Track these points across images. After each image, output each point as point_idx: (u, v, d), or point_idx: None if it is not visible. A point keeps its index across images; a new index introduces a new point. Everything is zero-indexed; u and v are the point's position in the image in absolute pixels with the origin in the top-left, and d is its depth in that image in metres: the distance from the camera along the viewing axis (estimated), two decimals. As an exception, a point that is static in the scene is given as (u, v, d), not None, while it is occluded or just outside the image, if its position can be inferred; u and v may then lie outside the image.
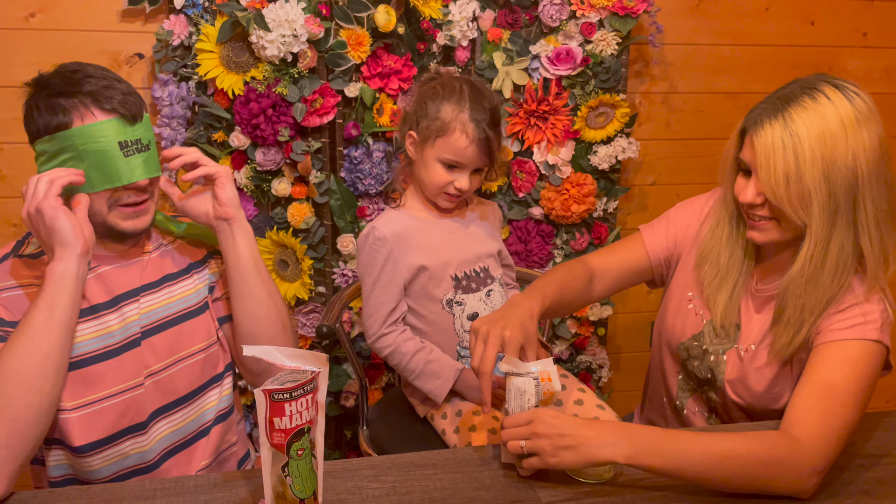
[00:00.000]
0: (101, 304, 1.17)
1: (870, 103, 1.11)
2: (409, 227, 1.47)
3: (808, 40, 2.16)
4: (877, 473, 1.10)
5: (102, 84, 1.11)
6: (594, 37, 1.91)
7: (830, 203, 1.10)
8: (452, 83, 1.43)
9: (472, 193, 1.52)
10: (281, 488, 0.94)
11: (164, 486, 1.05)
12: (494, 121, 1.42)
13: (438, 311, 1.46)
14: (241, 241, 1.24)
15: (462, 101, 1.40)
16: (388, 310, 1.45)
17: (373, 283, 1.45)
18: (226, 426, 1.30)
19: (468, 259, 1.49)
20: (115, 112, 1.11)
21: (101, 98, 1.10)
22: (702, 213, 1.35)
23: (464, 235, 1.51)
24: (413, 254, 1.44)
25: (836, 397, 1.06)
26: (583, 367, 2.18)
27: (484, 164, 1.45)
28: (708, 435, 1.05)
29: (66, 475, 1.19)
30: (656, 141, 2.16)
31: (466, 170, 1.43)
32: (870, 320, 1.11)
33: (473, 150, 1.40)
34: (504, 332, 1.12)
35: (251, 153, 1.83)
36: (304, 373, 0.93)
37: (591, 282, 1.37)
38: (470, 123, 1.39)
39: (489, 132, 1.40)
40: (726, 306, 1.25)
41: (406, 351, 1.44)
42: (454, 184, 1.43)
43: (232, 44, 1.77)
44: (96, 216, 1.15)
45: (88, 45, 1.82)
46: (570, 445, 1.01)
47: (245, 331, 1.26)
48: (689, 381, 1.35)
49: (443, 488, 1.06)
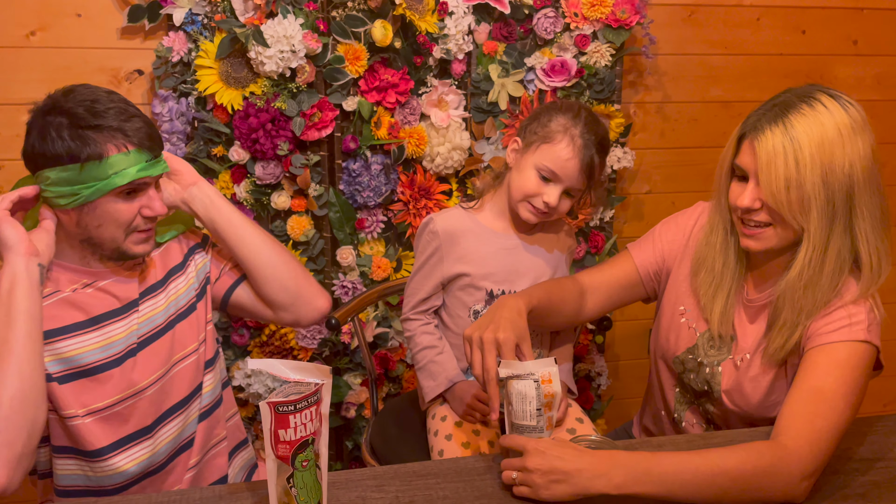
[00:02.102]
0: (102, 315, 1.21)
1: (862, 113, 1.14)
2: (466, 230, 1.46)
3: (799, 49, 2.19)
4: (872, 477, 1.12)
5: (124, 116, 1.14)
6: (588, 48, 1.94)
7: (828, 209, 1.12)
8: (573, 104, 1.43)
9: (558, 216, 1.47)
10: (286, 499, 0.95)
11: (170, 499, 1.07)
12: (603, 148, 1.39)
13: (465, 318, 1.46)
14: (216, 199, 1.32)
15: (577, 118, 1.38)
16: (421, 298, 1.48)
17: (416, 269, 1.49)
18: (212, 422, 1.33)
19: (511, 279, 1.46)
20: (143, 144, 1.15)
21: (129, 131, 1.14)
22: (686, 227, 1.37)
23: (519, 256, 1.46)
24: (459, 256, 1.45)
25: (824, 401, 1.08)
26: (582, 375, 2.20)
27: (580, 185, 1.38)
28: (696, 453, 1.06)
29: (76, 486, 1.21)
30: (651, 150, 2.18)
31: (560, 185, 1.37)
32: (855, 321, 1.13)
33: (574, 165, 1.35)
34: (497, 335, 1.13)
35: (251, 167, 1.85)
36: (307, 385, 0.95)
37: (582, 296, 1.38)
38: (579, 139, 1.35)
39: (595, 155, 1.36)
40: (722, 314, 1.27)
41: (419, 342, 1.48)
42: (543, 197, 1.38)
43: (231, 60, 1.79)
44: (111, 242, 1.18)
45: (89, 63, 1.84)
46: (562, 479, 1.02)
47: (262, 275, 1.34)
48: (686, 395, 1.37)
49: (445, 497, 1.07)
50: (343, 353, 2.01)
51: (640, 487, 1.02)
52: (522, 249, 1.47)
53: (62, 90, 1.17)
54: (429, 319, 1.49)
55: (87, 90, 1.16)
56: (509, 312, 1.18)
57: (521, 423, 1.14)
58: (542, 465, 1.03)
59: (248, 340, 1.96)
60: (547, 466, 1.03)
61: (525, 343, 1.15)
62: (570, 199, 1.41)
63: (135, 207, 1.17)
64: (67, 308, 1.19)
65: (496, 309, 1.19)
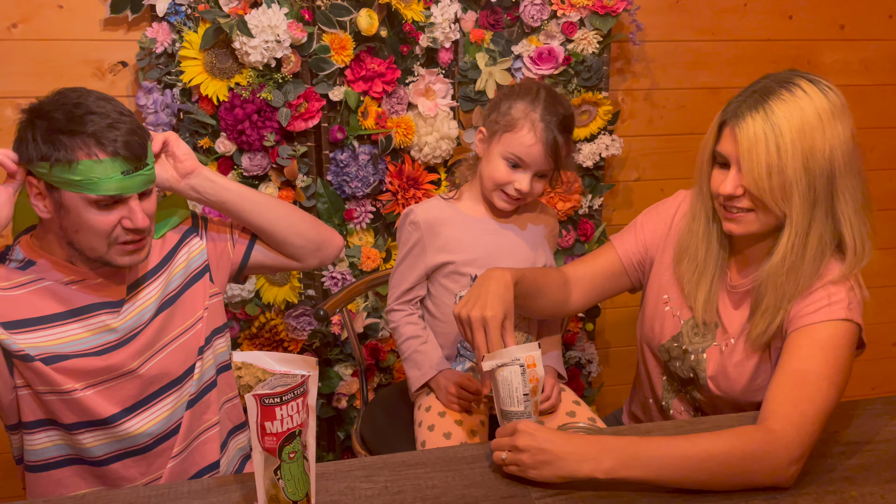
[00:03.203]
0: (83, 308, 1.21)
1: (841, 97, 1.14)
2: (447, 219, 1.47)
3: (786, 34, 2.19)
4: (858, 460, 1.12)
5: (105, 123, 1.11)
6: (575, 36, 1.93)
7: (810, 194, 1.12)
8: (530, 85, 1.42)
9: (533, 199, 1.48)
10: (274, 491, 0.95)
11: (158, 492, 1.06)
12: (565, 126, 1.38)
13: (450, 305, 1.47)
14: (219, 179, 1.33)
15: (536, 102, 1.37)
16: (405, 289, 1.49)
17: (399, 260, 1.51)
18: (202, 406, 1.33)
19: (493, 263, 1.43)
20: (118, 154, 1.11)
21: (104, 139, 1.11)
22: (668, 216, 1.38)
23: (500, 240, 1.47)
24: (441, 246, 1.45)
25: (808, 383, 1.09)
26: (572, 363, 2.20)
27: (548, 168, 1.39)
28: (685, 438, 1.06)
29: (53, 457, 1.23)
30: (640, 137, 2.18)
31: (529, 171, 1.38)
32: (835, 300, 1.14)
33: (539, 150, 1.36)
34: (484, 312, 1.15)
35: (237, 159, 1.84)
36: (293, 377, 0.95)
37: (567, 286, 1.38)
38: (539, 123, 1.35)
39: (558, 136, 1.36)
40: (706, 301, 1.27)
41: (403, 332, 1.49)
42: (514, 184, 1.39)
43: (215, 50, 1.77)
44: (93, 251, 1.17)
45: (71, 55, 1.82)
46: (550, 461, 1.03)
47: (284, 236, 1.38)
48: (672, 383, 1.37)
49: (434, 486, 1.07)
50: (333, 343, 2.01)
51: (629, 472, 1.02)
52: (503, 233, 1.49)
53: (56, 92, 1.16)
54: (413, 310, 1.50)
55: (77, 94, 1.14)
56: (496, 286, 1.19)
57: (509, 410, 1.15)
58: (531, 446, 1.04)
59: (237, 333, 1.96)
60: (536, 447, 1.04)
61: (510, 319, 1.17)
62: (542, 180, 1.42)
63: (113, 219, 1.15)
64: (48, 298, 1.18)
65: (483, 282, 1.21)
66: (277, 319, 1.97)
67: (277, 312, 1.97)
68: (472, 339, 1.17)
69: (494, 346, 1.14)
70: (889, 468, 1.10)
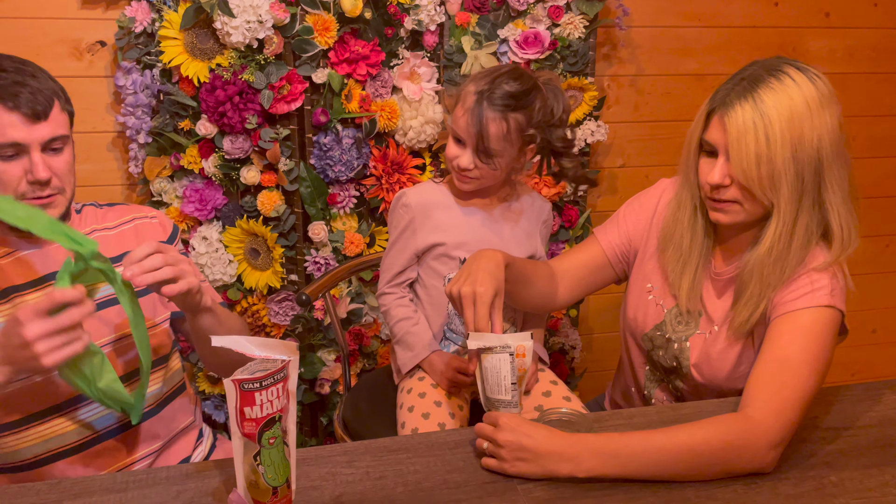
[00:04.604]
0: (22, 285, 1.17)
1: (829, 85, 1.13)
2: (438, 203, 1.47)
3: (772, 21, 2.18)
4: (838, 446, 1.13)
5: (11, 80, 1.11)
6: (561, 20, 1.92)
7: (798, 184, 1.12)
8: (502, 66, 1.41)
9: (491, 181, 1.43)
10: (253, 477, 0.94)
11: (137, 477, 1.05)
12: (504, 104, 1.34)
13: (439, 288, 1.47)
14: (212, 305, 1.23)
15: (480, 76, 1.37)
16: (396, 272, 1.49)
17: (391, 244, 1.50)
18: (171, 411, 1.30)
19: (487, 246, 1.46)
20: (17, 110, 1.11)
21: (3, 94, 1.11)
22: (650, 206, 1.37)
23: (493, 226, 1.47)
24: (432, 228, 1.45)
25: (789, 369, 1.09)
26: (556, 349, 2.20)
27: (475, 142, 1.35)
28: (663, 431, 1.06)
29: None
30: (625, 124, 2.17)
31: (468, 147, 1.37)
32: (818, 287, 1.14)
33: (465, 121, 1.35)
34: (475, 288, 1.14)
35: (219, 141, 1.81)
36: (273, 362, 0.94)
37: (553, 280, 1.38)
38: (472, 95, 1.34)
39: (489, 109, 1.33)
40: (690, 290, 1.27)
41: (395, 315, 1.48)
42: (459, 160, 1.38)
43: (196, 30, 1.74)
44: None
45: (49, 34, 1.78)
46: (530, 458, 1.03)
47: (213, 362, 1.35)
48: (655, 372, 1.37)
49: (416, 472, 1.07)
50: (317, 329, 2.00)
51: (609, 470, 1.02)
52: (494, 218, 1.48)
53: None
54: (403, 293, 1.50)
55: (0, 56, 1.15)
56: (487, 263, 1.18)
57: (495, 398, 1.14)
58: (511, 441, 1.03)
59: (219, 317, 1.94)
60: (516, 443, 1.03)
61: (500, 297, 1.16)
62: (489, 159, 1.37)
63: (17, 171, 1.13)
64: None
65: (474, 260, 1.20)
66: (260, 304, 1.95)
67: (260, 297, 1.95)
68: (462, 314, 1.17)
69: (481, 320, 1.13)
70: (868, 454, 1.11)
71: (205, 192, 1.85)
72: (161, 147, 1.83)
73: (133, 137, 1.82)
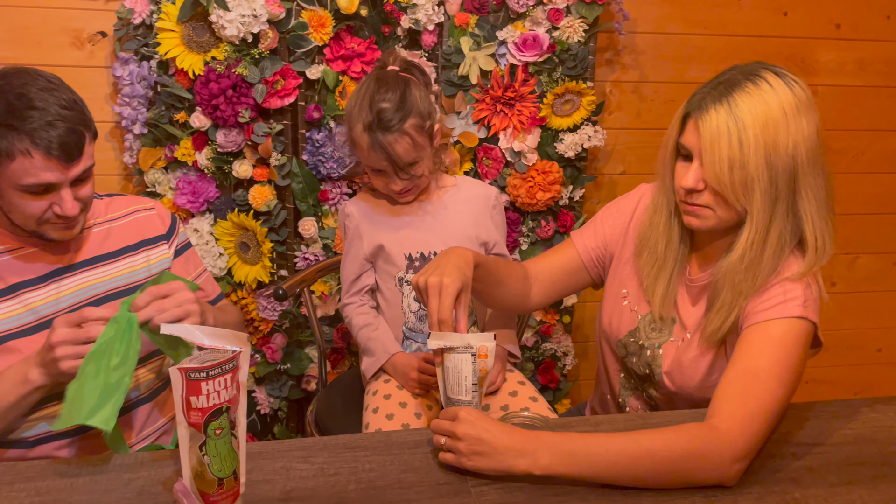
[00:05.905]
0: (19, 283, 1.18)
1: (808, 91, 1.11)
2: (377, 205, 1.51)
3: (780, 31, 2.14)
4: (807, 462, 1.10)
5: (45, 120, 1.09)
6: (561, 23, 1.90)
7: (771, 190, 1.09)
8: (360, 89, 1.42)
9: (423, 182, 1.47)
10: (199, 468, 0.93)
11: (90, 463, 1.05)
12: (397, 119, 1.37)
13: (392, 289, 1.48)
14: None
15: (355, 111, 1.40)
16: (351, 280, 1.52)
17: (344, 254, 1.54)
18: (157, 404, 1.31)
19: (428, 240, 1.48)
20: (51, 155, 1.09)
21: (38, 139, 1.08)
22: (628, 211, 1.35)
23: (433, 217, 1.50)
24: (376, 230, 1.49)
25: (757, 381, 1.06)
26: (548, 355, 2.18)
27: (392, 168, 1.40)
28: (624, 435, 1.03)
29: None
30: (626, 130, 2.15)
31: (388, 174, 1.42)
32: (790, 297, 1.11)
33: (374, 158, 1.41)
34: (442, 278, 1.13)
35: (212, 134, 1.82)
36: (223, 352, 0.93)
37: (527, 281, 1.36)
38: (363, 133, 1.38)
39: (386, 135, 1.37)
40: (664, 296, 1.25)
41: (356, 323, 1.50)
42: (390, 186, 1.45)
43: (193, 23, 1.75)
44: (24, 227, 1.17)
45: (50, 23, 1.80)
46: (487, 452, 1.01)
47: None
48: (630, 380, 1.35)
49: (371, 470, 1.05)
50: (304, 325, 2.00)
51: (566, 469, 1.00)
52: (435, 210, 1.51)
53: (1, 73, 1.12)
54: (363, 300, 1.52)
55: (22, 81, 1.10)
56: (457, 259, 1.17)
57: (456, 398, 1.13)
58: (470, 435, 1.02)
59: (208, 310, 1.95)
60: (474, 436, 1.01)
61: (466, 293, 1.15)
62: (410, 168, 1.42)
63: (44, 205, 1.14)
64: None
65: (444, 255, 1.19)
66: (249, 298, 1.95)
67: (249, 291, 1.96)
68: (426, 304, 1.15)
69: (445, 311, 1.12)
70: (837, 471, 1.07)
71: (197, 185, 1.86)
72: (156, 138, 1.84)
73: (129, 128, 1.83)
